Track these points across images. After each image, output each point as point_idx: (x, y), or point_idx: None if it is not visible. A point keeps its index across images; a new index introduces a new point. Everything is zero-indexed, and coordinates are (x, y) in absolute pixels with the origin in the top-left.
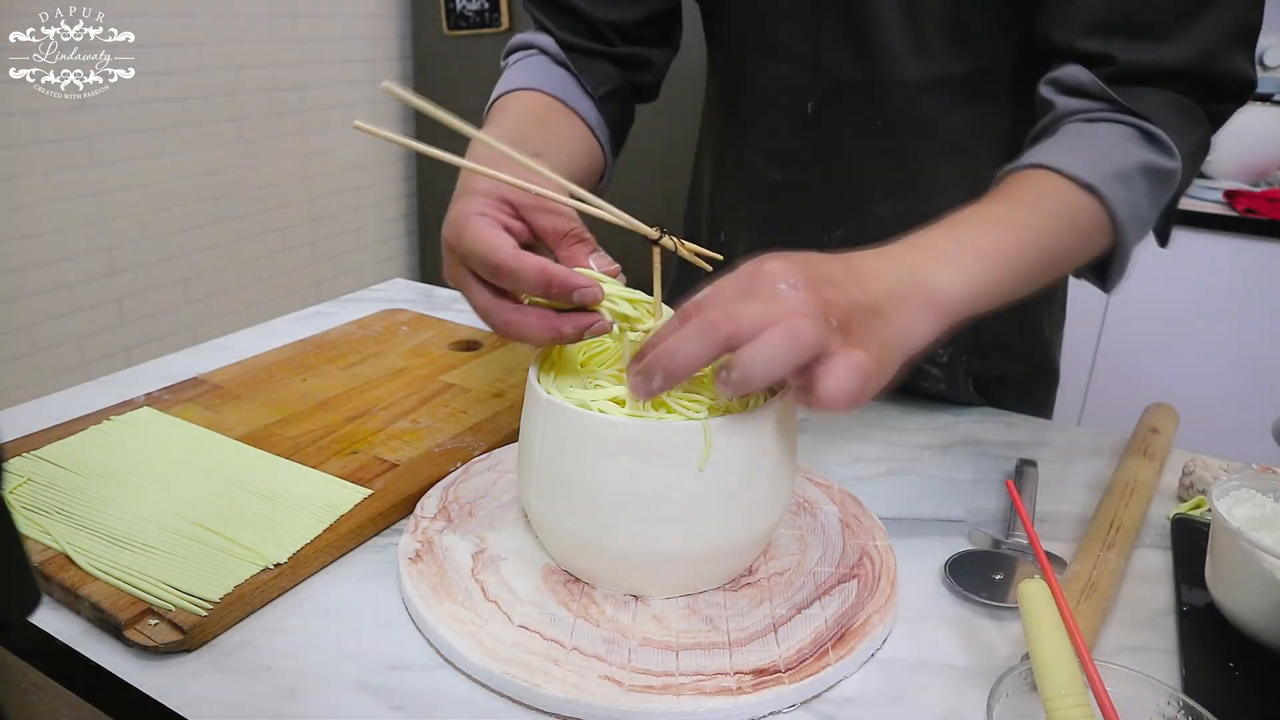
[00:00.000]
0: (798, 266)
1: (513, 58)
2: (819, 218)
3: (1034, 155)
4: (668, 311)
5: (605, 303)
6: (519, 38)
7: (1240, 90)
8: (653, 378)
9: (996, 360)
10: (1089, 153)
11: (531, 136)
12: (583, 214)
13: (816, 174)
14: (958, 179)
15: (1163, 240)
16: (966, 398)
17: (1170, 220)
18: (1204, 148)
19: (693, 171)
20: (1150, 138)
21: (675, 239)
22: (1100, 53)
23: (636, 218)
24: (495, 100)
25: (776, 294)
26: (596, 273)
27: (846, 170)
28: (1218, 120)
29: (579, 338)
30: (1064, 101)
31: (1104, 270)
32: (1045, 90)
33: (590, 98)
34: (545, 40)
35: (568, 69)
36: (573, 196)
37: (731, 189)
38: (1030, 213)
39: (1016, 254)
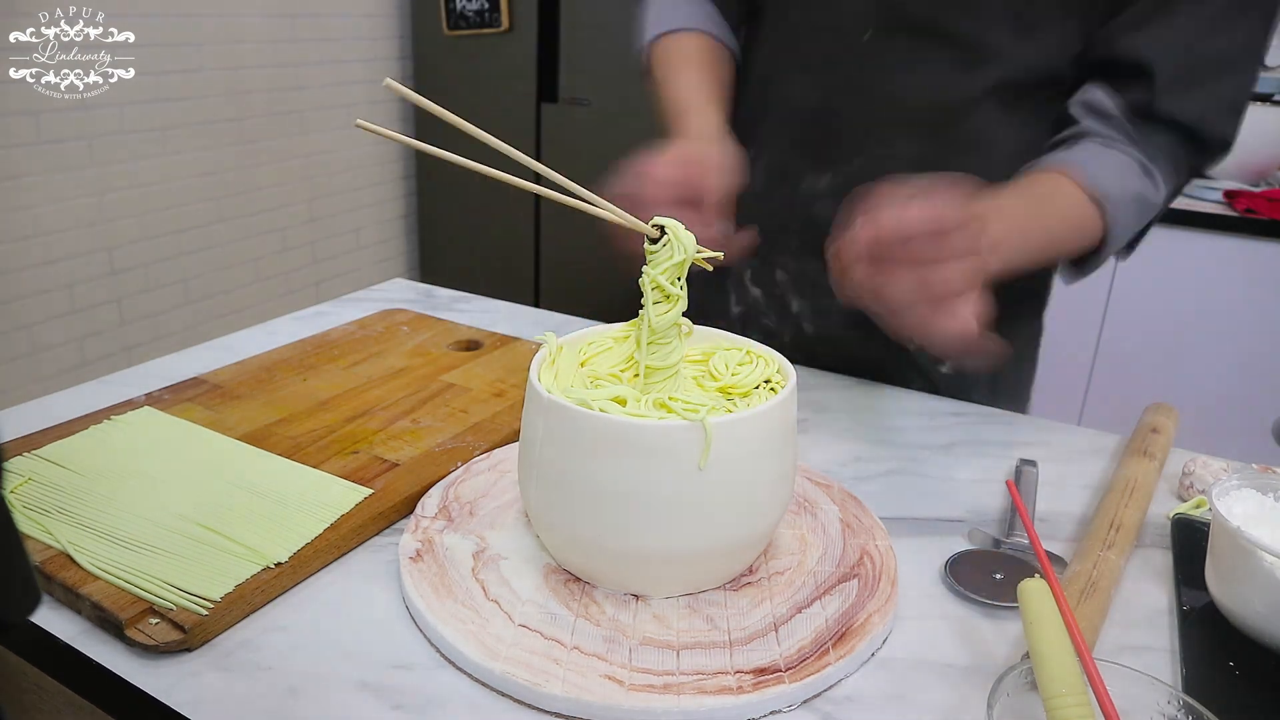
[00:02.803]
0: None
1: None
2: (842, 147)
3: (1061, 161)
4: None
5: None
6: None
7: (1223, 151)
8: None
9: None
10: (1104, 172)
11: (712, 83)
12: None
13: (856, 102)
14: (988, 129)
15: (1125, 256)
16: (945, 388)
17: (1137, 242)
18: (1179, 192)
19: None
20: (1147, 172)
21: None
22: (1144, 72)
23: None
24: (659, 38)
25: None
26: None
27: (887, 104)
28: (1195, 173)
29: None
30: (1088, 123)
31: (1079, 268)
32: (1076, 109)
33: (729, 26)
34: None
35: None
36: (573, 196)
37: (761, 118)
38: (1054, 207)
39: (1040, 237)
